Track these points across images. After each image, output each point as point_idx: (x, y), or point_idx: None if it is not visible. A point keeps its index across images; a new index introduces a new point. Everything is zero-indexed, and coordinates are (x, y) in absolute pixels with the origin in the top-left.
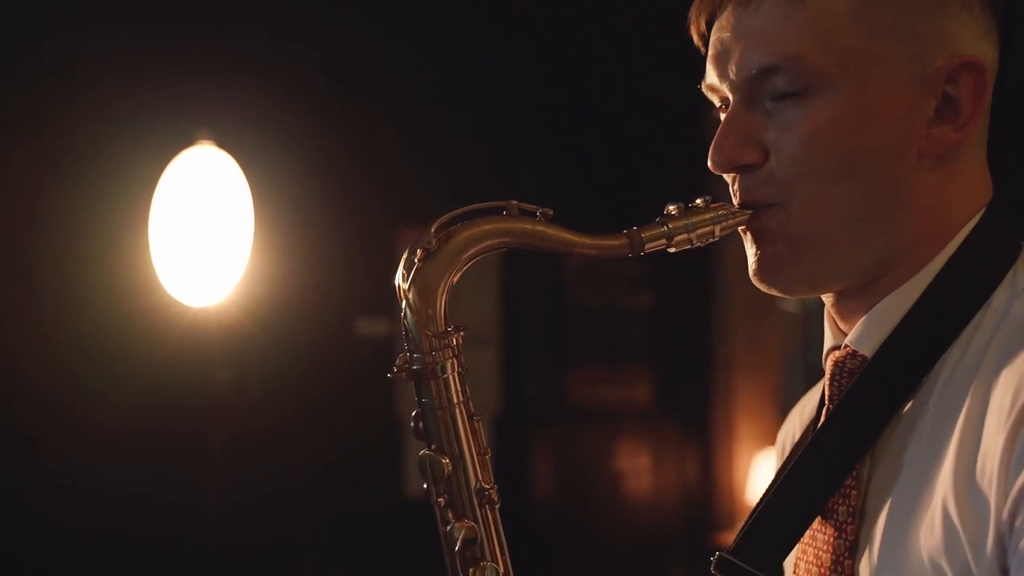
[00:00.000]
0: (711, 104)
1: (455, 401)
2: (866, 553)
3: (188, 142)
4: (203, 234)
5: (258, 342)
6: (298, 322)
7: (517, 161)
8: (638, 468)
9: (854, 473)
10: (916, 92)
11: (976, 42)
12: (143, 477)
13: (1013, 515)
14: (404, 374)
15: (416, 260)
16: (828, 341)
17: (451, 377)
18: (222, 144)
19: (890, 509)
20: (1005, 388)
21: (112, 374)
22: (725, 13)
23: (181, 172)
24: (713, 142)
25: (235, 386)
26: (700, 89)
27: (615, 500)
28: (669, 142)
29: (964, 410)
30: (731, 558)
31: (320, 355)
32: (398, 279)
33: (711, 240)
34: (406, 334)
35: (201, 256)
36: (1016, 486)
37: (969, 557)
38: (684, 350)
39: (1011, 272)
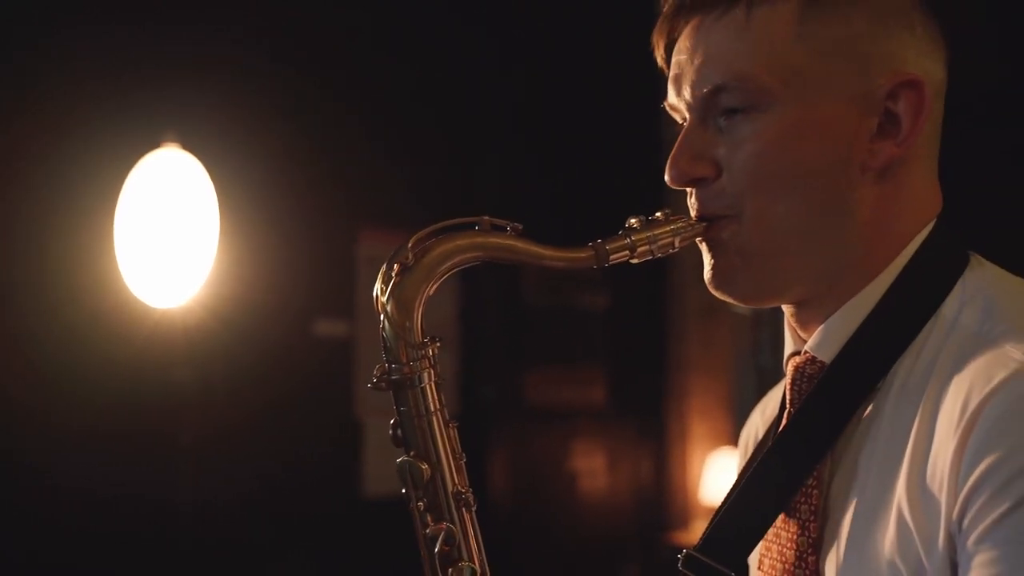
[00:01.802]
0: (673, 121)
1: (432, 409)
2: (828, 550)
3: (154, 144)
4: (168, 236)
5: (222, 343)
6: (261, 323)
7: (480, 166)
8: (594, 468)
9: (815, 473)
10: (858, 109)
11: (919, 60)
12: (108, 477)
13: (962, 515)
14: (384, 384)
15: (394, 274)
16: (789, 347)
17: (428, 386)
18: (188, 146)
19: (850, 509)
20: (955, 396)
21: (77, 374)
22: (682, 38)
23: (147, 174)
24: (670, 157)
25: (199, 386)
26: (663, 107)
27: (571, 499)
28: (634, 142)
29: (917, 416)
30: (697, 555)
31: (282, 356)
32: (376, 292)
33: (671, 251)
34: (385, 345)
35: (166, 258)
36: (965, 488)
37: (922, 555)
38: (638, 352)
39: (960, 282)
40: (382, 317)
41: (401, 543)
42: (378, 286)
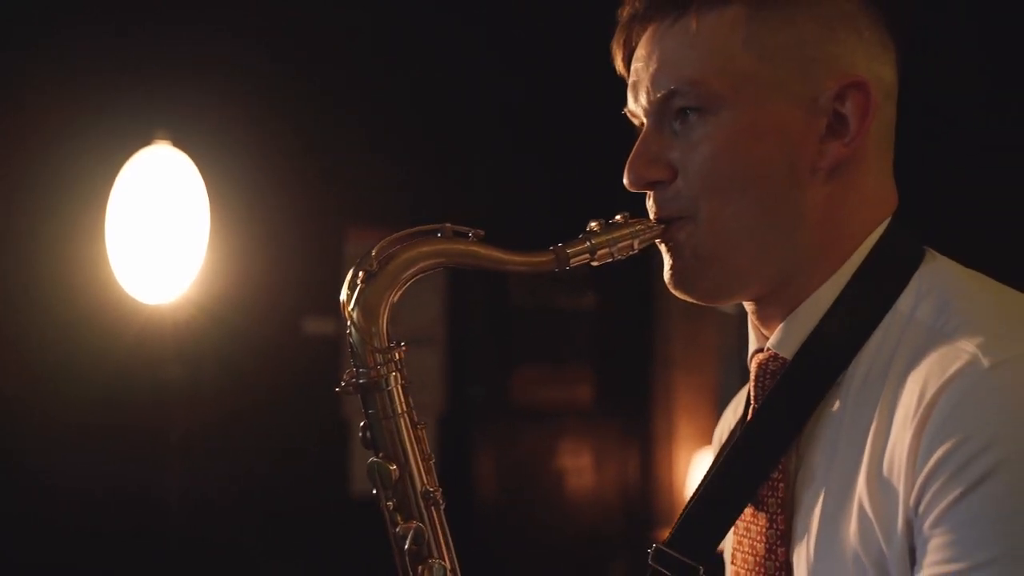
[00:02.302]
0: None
1: (400, 411)
2: (797, 543)
3: (145, 141)
4: (159, 232)
5: (212, 340)
6: (251, 321)
7: (470, 166)
8: (580, 467)
9: (780, 466)
10: (807, 111)
11: (866, 63)
12: (96, 472)
13: (919, 501)
14: (351, 388)
15: (359, 281)
16: (752, 344)
17: (395, 389)
18: (179, 144)
19: (816, 502)
20: (912, 388)
21: (67, 370)
22: (639, 45)
23: (138, 171)
24: (628, 162)
25: (188, 383)
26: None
27: (557, 498)
28: (625, 142)
29: (876, 409)
30: (667, 549)
31: (272, 353)
32: (343, 298)
33: (631, 253)
34: (352, 350)
35: (157, 254)
36: (922, 475)
37: (882, 543)
38: (625, 351)
39: (915, 277)
40: (348, 323)
41: (387, 541)
42: (344, 293)
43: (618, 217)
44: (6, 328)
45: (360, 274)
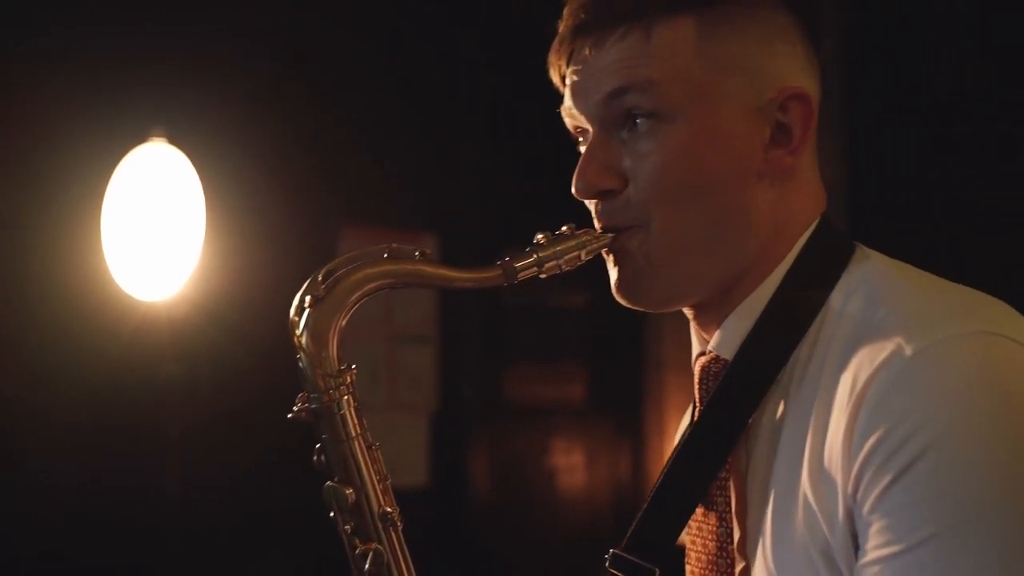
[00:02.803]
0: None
1: (353, 435)
2: (747, 540)
3: (141, 139)
4: (155, 230)
5: (208, 337)
6: (247, 318)
7: (463, 165)
8: (572, 465)
9: (728, 465)
10: (753, 120)
11: (802, 76)
12: (93, 470)
13: (856, 490)
14: (304, 413)
15: (306, 306)
16: (695, 348)
17: (348, 413)
18: (175, 141)
19: (764, 499)
20: (845, 380)
21: (63, 367)
22: (584, 52)
23: (134, 168)
24: (576, 170)
25: (185, 380)
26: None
27: (550, 496)
28: None
29: (815, 404)
30: (623, 554)
31: (267, 351)
32: (290, 325)
33: (578, 264)
34: (302, 376)
35: (153, 251)
36: (857, 464)
37: (826, 533)
38: (616, 349)
39: (846, 273)
40: (297, 349)
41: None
42: (292, 319)
43: (564, 228)
44: (1, 325)
45: (307, 299)
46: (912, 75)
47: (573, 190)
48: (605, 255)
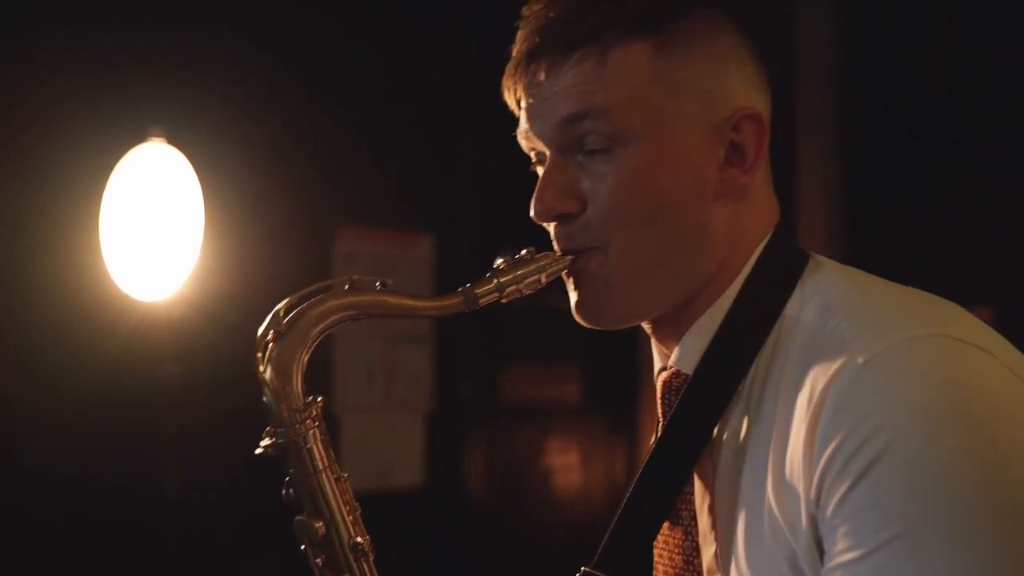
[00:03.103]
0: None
1: (320, 468)
2: (721, 550)
3: (140, 138)
4: (154, 230)
5: (207, 337)
6: (246, 318)
7: (459, 165)
8: (568, 464)
9: (692, 479)
10: (708, 141)
11: (753, 94)
12: (92, 470)
13: (818, 497)
14: (271, 449)
15: (269, 342)
16: (657, 363)
17: (314, 446)
18: (173, 141)
19: (733, 509)
20: (804, 390)
21: (63, 367)
22: (537, 77)
23: (133, 168)
24: (535, 194)
25: (183, 380)
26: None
27: (546, 495)
28: None
29: (776, 414)
30: (593, 571)
31: None
32: (255, 362)
33: (539, 287)
34: (268, 411)
35: (152, 251)
36: (817, 471)
37: (791, 541)
38: (612, 349)
39: (800, 283)
40: (262, 385)
41: (378, 537)
42: (256, 355)
43: (524, 252)
44: (0, 325)
45: (270, 334)
46: (908, 74)
47: (532, 213)
48: (564, 277)
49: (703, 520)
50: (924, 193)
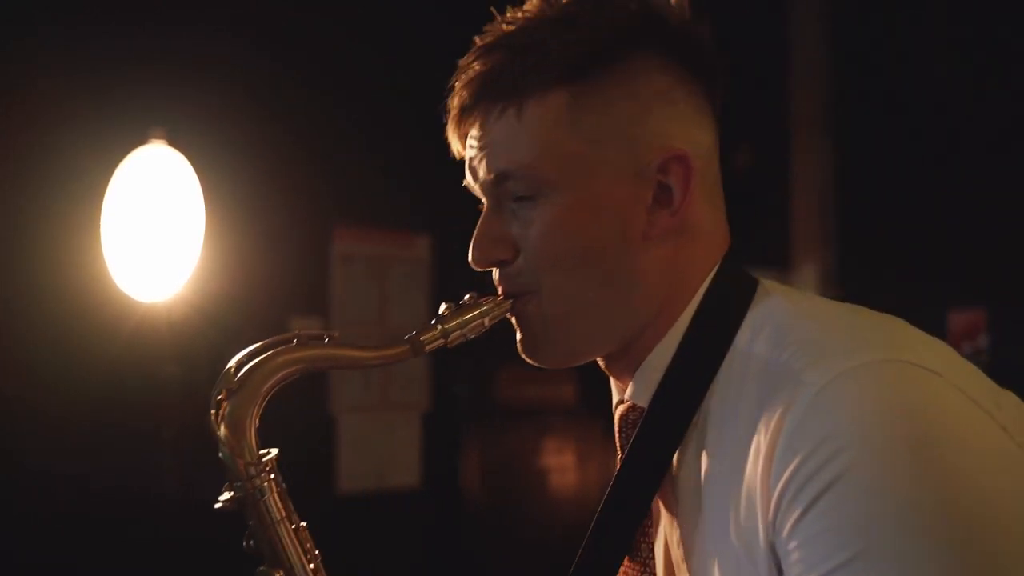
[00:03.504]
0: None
1: (278, 519)
2: None
3: (141, 140)
4: (155, 231)
5: (207, 338)
6: (245, 319)
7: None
8: (564, 464)
9: (650, 513)
10: (634, 185)
11: (684, 132)
12: (91, 470)
13: (775, 523)
14: (230, 503)
15: (221, 399)
16: (614, 396)
17: (271, 498)
18: (174, 142)
19: (698, 541)
20: (762, 420)
21: (63, 367)
22: (473, 130)
23: (134, 169)
24: (472, 242)
25: (183, 381)
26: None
27: (541, 495)
28: None
29: (733, 444)
30: None
31: None
32: (209, 419)
33: (483, 331)
34: (225, 467)
35: (153, 252)
36: (774, 499)
37: (753, 567)
38: None
39: (749, 312)
40: (218, 442)
41: (374, 538)
42: (210, 412)
43: (467, 297)
44: (1, 326)
45: (222, 392)
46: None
47: (470, 261)
48: (509, 317)
49: (675, 552)
50: (917, 196)
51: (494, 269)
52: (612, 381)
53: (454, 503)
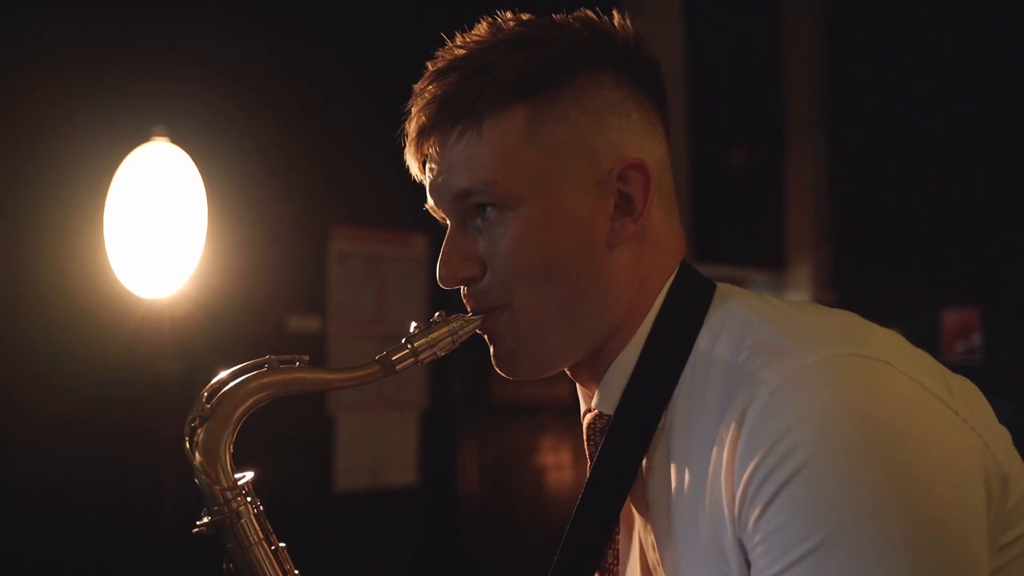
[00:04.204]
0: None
1: (254, 541)
2: None
3: (144, 137)
4: (157, 228)
5: (208, 334)
6: (247, 316)
7: None
8: (559, 461)
9: (619, 519)
10: (595, 195)
11: (639, 143)
12: (93, 466)
13: (740, 519)
14: (208, 527)
15: (195, 426)
16: (582, 405)
17: (247, 521)
18: (177, 140)
19: (670, 544)
20: (723, 424)
21: (66, 363)
22: (431, 152)
23: (136, 166)
24: (439, 261)
25: (184, 378)
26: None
27: (537, 492)
28: None
29: (699, 446)
30: None
31: (266, 349)
32: (184, 445)
33: (453, 348)
34: (201, 492)
35: (155, 249)
36: (738, 497)
37: (724, 566)
38: None
39: (708, 316)
40: (193, 469)
41: (371, 536)
42: (184, 439)
43: (436, 316)
44: (5, 322)
45: (195, 419)
46: (894, 81)
47: (438, 280)
48: (480, 332)
49: (651, 555)
50: (911, 197)
51: (462, 287)
52: (579, 389)
53: (451, 501)
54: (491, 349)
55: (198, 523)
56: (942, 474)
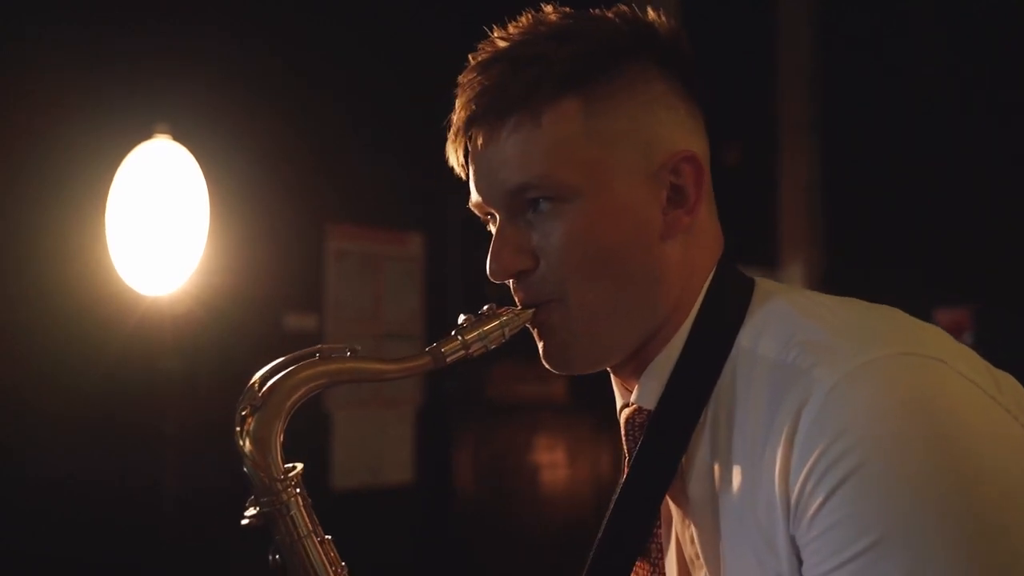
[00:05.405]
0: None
1: (305, 533)
2: None
3: (146, 135)
4: (159, 225)
5: (210, 332)
6: (249, 313)
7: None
8: (555, 460)
9: (659, 514)
10: (648, 187)
11: (686, 136)
12: (93, 464)
13: (796, 510)
14: (257, 518)
15: (246, 415)
16: (619, 400)
17: (297, 512)
18: (179, 138)
19: (714, 538)
20: (777, 419)
21: (67, 360)
22: (481, 144)
23: (138, 164)
24: (490, 254)
25: (185, 376)
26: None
27: (533, 491)
28: None
29: (746, 444)
30: None
31: (268, 346)
32: (235, 436)
33: (503, 341)
34: (250, 482)
35: (157, 247)
36: (794, 493)
37: (774, 562)
38: None
39: (749, 313)
40: (243, 457)
41: (367, 534)
42: (236, 429)
43: (485, 308)
44: (6, 319)
45: (246, 408)
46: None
47: (488, 273)
48: (529, 327)
49: (688, 549)
50: (904, 196)
51: (510, 281)
52: (616, 384)
53: (447, 499)
54: (540, 344)
55: (246, 515)
56: (1002, 474)
